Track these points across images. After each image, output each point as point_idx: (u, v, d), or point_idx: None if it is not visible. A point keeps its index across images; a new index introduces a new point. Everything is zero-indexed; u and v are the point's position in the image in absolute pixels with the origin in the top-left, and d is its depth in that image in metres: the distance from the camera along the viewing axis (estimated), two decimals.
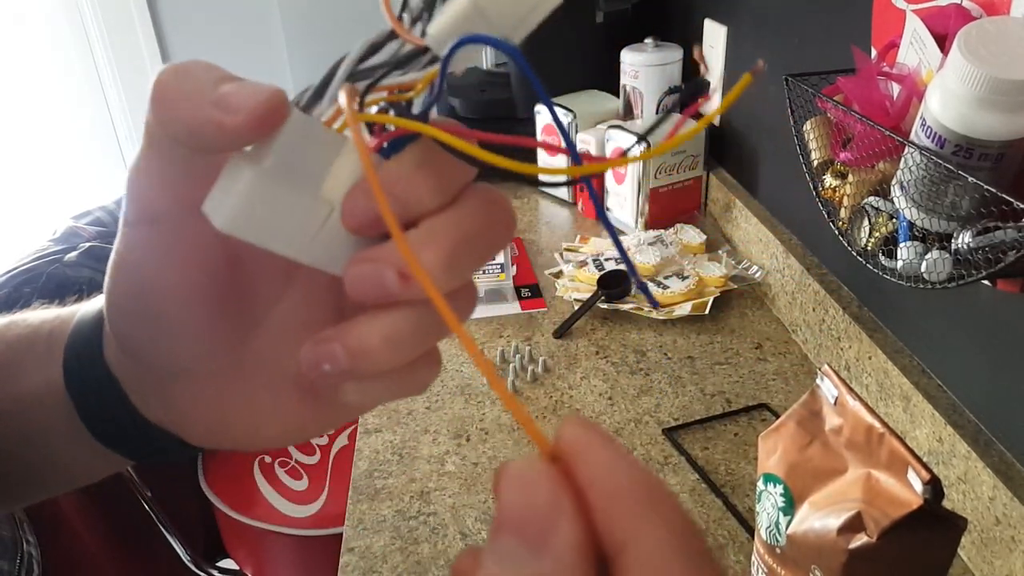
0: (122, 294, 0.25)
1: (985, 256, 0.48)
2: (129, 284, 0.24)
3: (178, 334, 0.25)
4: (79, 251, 0.88)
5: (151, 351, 0.26)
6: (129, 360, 0.27)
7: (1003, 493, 0.54)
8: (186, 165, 0.22)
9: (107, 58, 1.65)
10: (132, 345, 0.26)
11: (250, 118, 0.20)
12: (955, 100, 0.47)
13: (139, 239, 0.24)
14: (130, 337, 0.26)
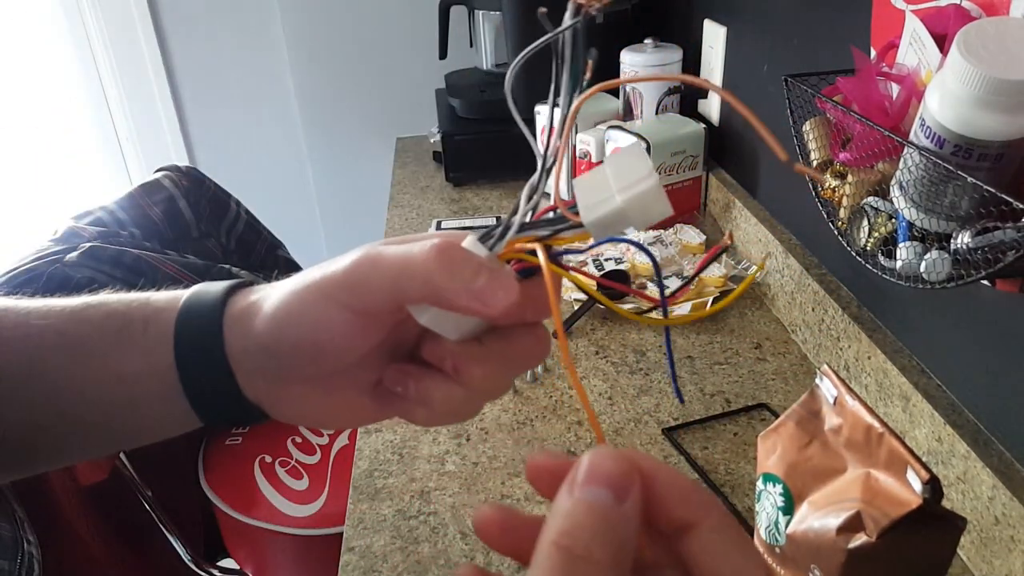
0: (306, 340, 0.31)
1: (984, 256, 0.48)
2: (316, 336, 0.31)
3: (333, 365, 0.32)
4: (80, 251, 0.88)
5: (301, 367, 0.32)
6: (267, 361, 0.33)
7: (1002, 493, 0.54)
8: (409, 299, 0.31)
9: (108, 58, 1.65)
10: (285, 359, 0.32)
11: (500, 312, 0.29)
12: (954, 100, 0.47)
13: (341, 318, 0.31)
14: (289, 356, 0.32)
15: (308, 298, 0.31)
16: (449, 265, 0.29)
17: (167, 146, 1.74)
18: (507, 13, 1.24)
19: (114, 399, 0.34)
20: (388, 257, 0.30)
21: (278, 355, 0.32)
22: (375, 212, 1.67)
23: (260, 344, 0.32)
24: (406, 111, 1.70)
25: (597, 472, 0.21)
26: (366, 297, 0.31)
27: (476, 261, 0.30)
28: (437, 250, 0.29)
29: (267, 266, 1.15)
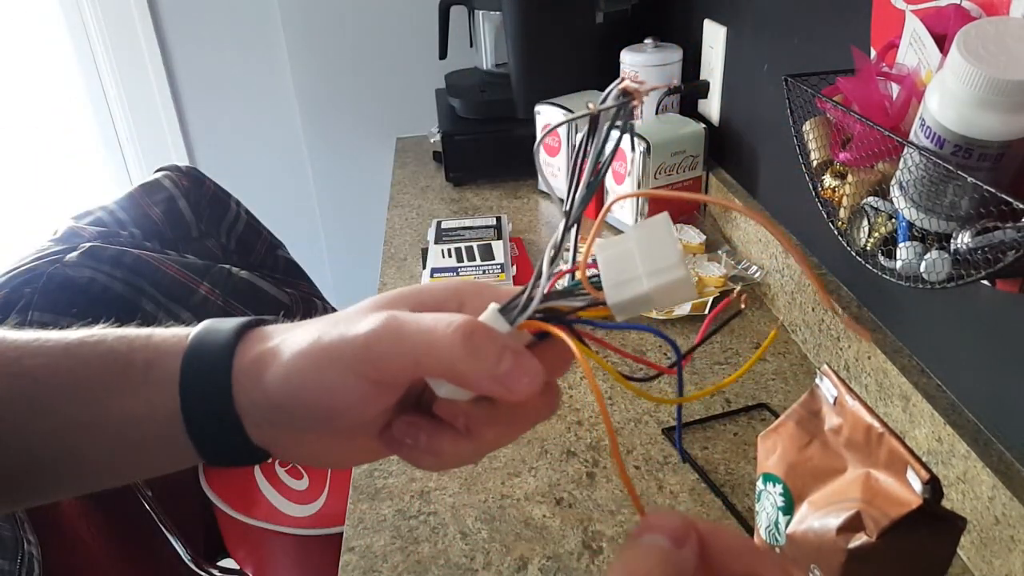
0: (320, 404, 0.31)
1: (984, 256, 0.48)
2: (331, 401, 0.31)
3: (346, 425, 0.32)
4: (80, 251, 0.88)
5: (312, 425, 0.32)
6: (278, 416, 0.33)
7: (1002, 493, 0.54)
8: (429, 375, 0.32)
9: (107, 58, 1.65)
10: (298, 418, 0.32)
11: (523, 397, 0.29)
12: (954, 100, 0.47)
13: (358, 388, 0.31)
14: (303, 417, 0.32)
15: (324, 365, 0.31)
16: (474, 351, 0.29)
17: (167, 146, 1.74)
18: (507, 13, 1.24)
19: (116, 440, 0.34)
20: (410, 332, 0.30)
21: (291, 413, 0.32)
22: (375, 212, 1.67)
23: (272, 402, 0.32)
24: (406, 111, 1.70)
25: (656, 524, 0.24)
26: (385, 370, 0.30)
27: (500, 343, 0.29)
28: (462, 334, 0.29)
29: (267, 266, 1.15)
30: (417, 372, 0.30)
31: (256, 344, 0.33)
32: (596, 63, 1.27)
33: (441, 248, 1.04)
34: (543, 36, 1.25)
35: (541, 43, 1.25)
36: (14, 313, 0.83)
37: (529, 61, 1.26)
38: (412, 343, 0.30)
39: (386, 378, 0.31)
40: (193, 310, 0.94)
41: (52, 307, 0.84)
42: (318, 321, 0.33)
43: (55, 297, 0.85)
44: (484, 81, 1.40)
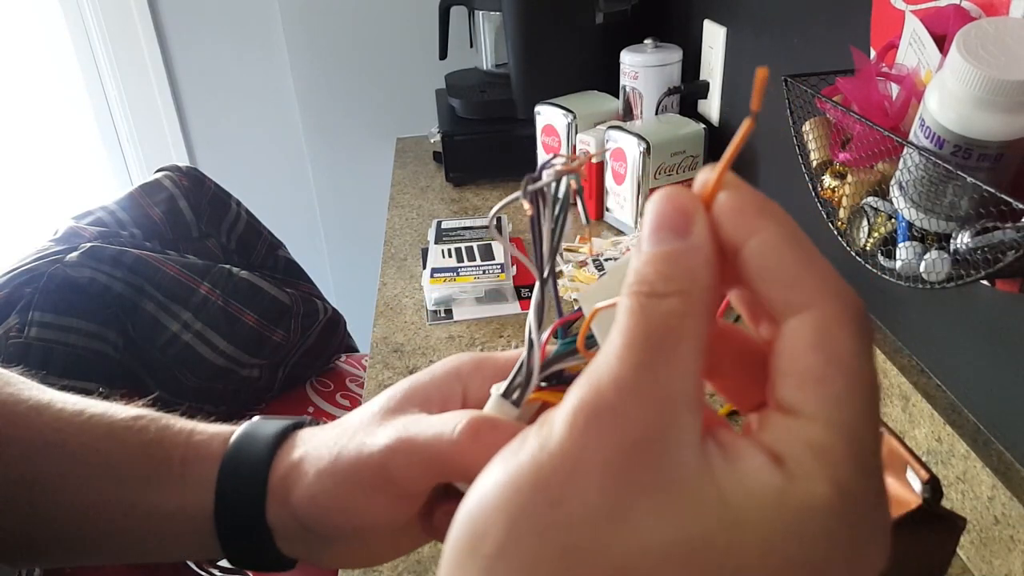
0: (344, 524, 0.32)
1: (984, 256, 0.48)
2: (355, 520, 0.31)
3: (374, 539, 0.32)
4: (80, 251, 0.88)
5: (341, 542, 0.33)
6: (307, 533, 0.33)
7: (1002, 493, 0.54)
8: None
9: (108, 58, 1.65)
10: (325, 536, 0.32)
11: None
12: (954, 100, 0.47)
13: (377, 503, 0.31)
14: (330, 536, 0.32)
15: (347, 486, 0.31)
16: (484, 451, 0.28)
17: (167, 146, 1.74)
18: (507, 13, 1.24)
19: (145, 529, 0.34)
20: (421, 444, 0.30)
21: (320, 534, 0.32)
22: (375, 212, 1.67)
23: (301, 523, 0.32)
24: (406, 111, 1.70)
25: (654, 222, 0.20)
26: (405, 486, 0.31)
27: (508, 434, 0.28)
28: (469, 434, 0.29)
29: (267, 266, 1.15)
30: (435, 479, 0.30)
31: (286, 457, 0.33)
32: (596, 63, 1.27)
33: (441, 248, 1.04)
34: (543, 36, 1.25)
35: (541, 43, 1.25)
36: (15, 313, 0.83)
37: (529, 61, 1.27)
38: (426, 455, 0.30)
39: (407, 491, 0.31)
40: (193, 310, 0.94)
41: (53, 307, 0.85)
42: (338, 427, 0.33)
43: (56, 297, 0.85)
44: (484, 81, 1.40)
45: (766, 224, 0.19)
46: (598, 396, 0.18)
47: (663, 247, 0.19)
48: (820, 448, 0.17)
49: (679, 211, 0.20)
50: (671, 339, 0.18)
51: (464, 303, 0.96)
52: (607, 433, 0.17)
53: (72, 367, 0.84)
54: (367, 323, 0.98)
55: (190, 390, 0.97)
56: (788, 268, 0.19)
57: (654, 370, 0.18)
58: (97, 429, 0.35)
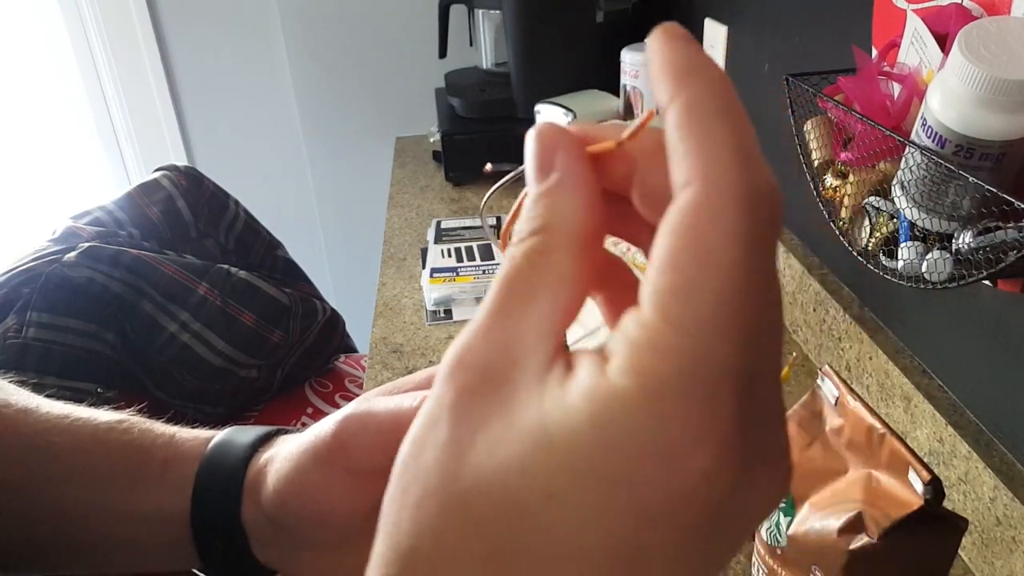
0: (306, 510, 0.31)
1: (986, 256, 0.48)
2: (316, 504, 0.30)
3: (342, 530, 0.31)
4: (78, 251, 0.88)
5: (310, 538, 0.31)
6: (277, 533, 0.32)
7: (1004, 494, 0.54)
8: None
9: (106, 57, 1.65)
10: (293, 532, 0.31)
11: None
12: (956, 100, 0.46)
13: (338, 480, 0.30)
14: (297, 529, 0.31)
15: (304, 465, 0.31)
16: None
17: (166, 146, 1.73)
18: (507, 12, 1.24)
19: (122, 532, 0.34)
20: (378, 413, 0.29)
21: (285, 527, 0.32)
22: (374, 212, 1.67)
23: (268, 517, 0.32)
24: (406, 110, 1.70)
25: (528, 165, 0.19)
26: (357, 456, 0.30)
27: None
28: None
29: (266, 266, 1.14)
30: (389, 453, 0.29)
31: (261, 457, 0.33)
32: (596, 62, 1.27)
33: (441, 248, 1.04)
34: (543, 35, 1.24)
35: (541, 42, 1.25)
36: (13, 313, 0.83)
37: (529, 60, 1.26)
38: (378, 423, 0.29)
39: (360, 464, 0.30)
40: (192, 310, 0.94)
41: (51, 307, 0.84)
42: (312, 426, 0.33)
43: (54, 297, 0.84)
44: (484, 80, 1.40)
45: (689, 84, 0.17)
46: (461, 341, 0.18)
47: (529, 191, 0.19)
48: (640, 341, 0.15)
49: (542, 150, 0.19)
50: (524, 279, 0.18)
51: (464, 303, 0.96)
52: (459, 378, 0.17)
53: (70, 367, 0.84)
54: (366, 323, 0.98)
55: (188, 391, 0.96)
56: (686, 138, 0.17)
57: (505, 312, 0.18)
58: (82, 431, 0.35)
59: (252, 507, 0.32)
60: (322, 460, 0.30)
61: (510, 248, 0.19)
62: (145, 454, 0.34)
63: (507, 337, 0.17)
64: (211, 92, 1.71)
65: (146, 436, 0.35)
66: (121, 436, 0.35)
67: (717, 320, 0.15)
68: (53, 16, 1.63)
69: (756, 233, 0.15)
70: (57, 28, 1.64)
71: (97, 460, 0.34)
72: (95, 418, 0.35)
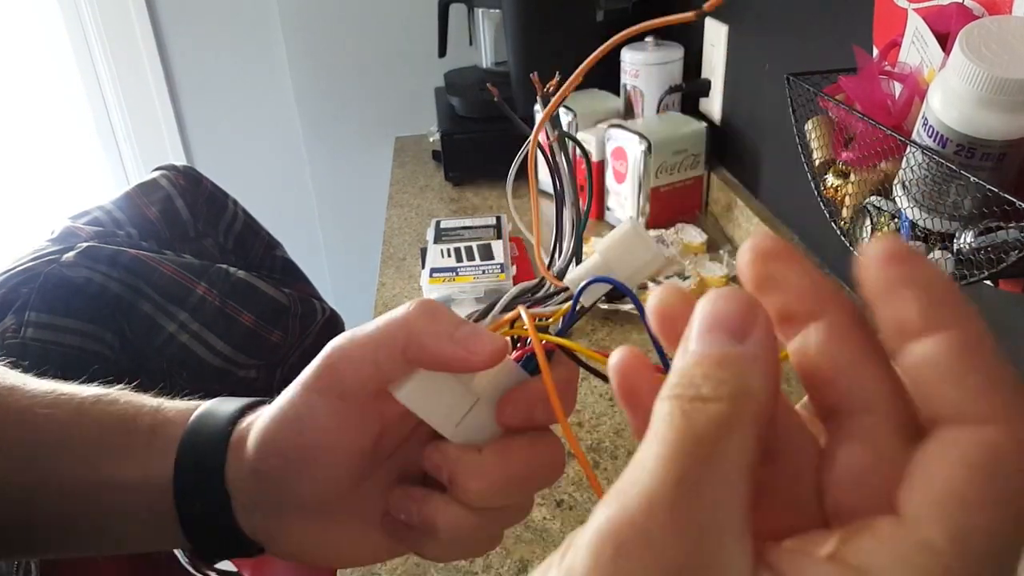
0: (291, 444, 0.30)
1: (987, 256, 0.47)
2: (301, 437, 0.30)
3: (326, 479, 0.30)
4: (77, 251, 0.87)
5: (294, 489, 0.31)
6: (260, 488, 0.31)
7: None
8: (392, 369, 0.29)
9: (105, 57, 1.64)
10: (277, 482, 0.31)
11: (487, 359, 0.28)
12: (957, 99, 0.46)
13: (324, 406, 0.29)
14: (280, 476, 0.31)
15: (293, 398, 0.30)
16: (431, 314, 0.29)
17: (164, 145, 1.73)
18: (507, 11, 1.23)
19: (106, 505, 0.33)
20: (367, 330, 0.29)
21: (269, 474, 0.31)
22: (374, 211, 1.67)
23: (252, 468, 0.31)
24: (405, 110, 1.70)
25: (708, 321, 0.18)
26: (348, 375, 0.29)
27: (458, 316, 0.29)
28: (420, 303, 0.29)
29: (265, 266, 1.14)
30: (378, 368, 0.28)
31: (247, 418, 0.33)
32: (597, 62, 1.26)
33: (440, 248, 1.04)
34: (543, 34, 1.24)
35: (541, 41, 1.25)
36: (11, 313, 0.83)
37: (529, 59, 1.26)
38: (367, 337, 0.29)
39: (350, 384, 0.29)
40: (191, 310, 0.93)
41: (49, 307, 0.84)
42: None
43: (52, 297, 0.84)
44: (484, 79, 1.40)
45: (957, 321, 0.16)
46: (627, 519, 0.15)
47: (715, 349, 0.17)
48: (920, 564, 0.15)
49: (739, 313, 0.18)
50: (717, 451, 0.16)
51: (463, 303, 0.95)
52: (637, 566, 0.15)
53: (68, 367, 0.84)
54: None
55: (187, 391, 0.96)
56: (973, 374, 0.16)
57: (696, 488, 0.15)
58: (67, 405, 0.34)
59: (236, 463, 0.31)
60: (311, 388, 0.30)
61: (684, 405, 0.16)
62: (131, 423, 0.34)
63: (701, 522, 0.15)
64: (210, 92, 1.71)
65: (131, 406, 0.34)
66: (107, 407, 0.34)
67: None
68: (52, 16, 1.62)
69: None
70: (56, 28, 1.63)
71: (83, 431, 0.34)
72: (80, 392, 0.35)
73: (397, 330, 0.28)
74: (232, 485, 0.32)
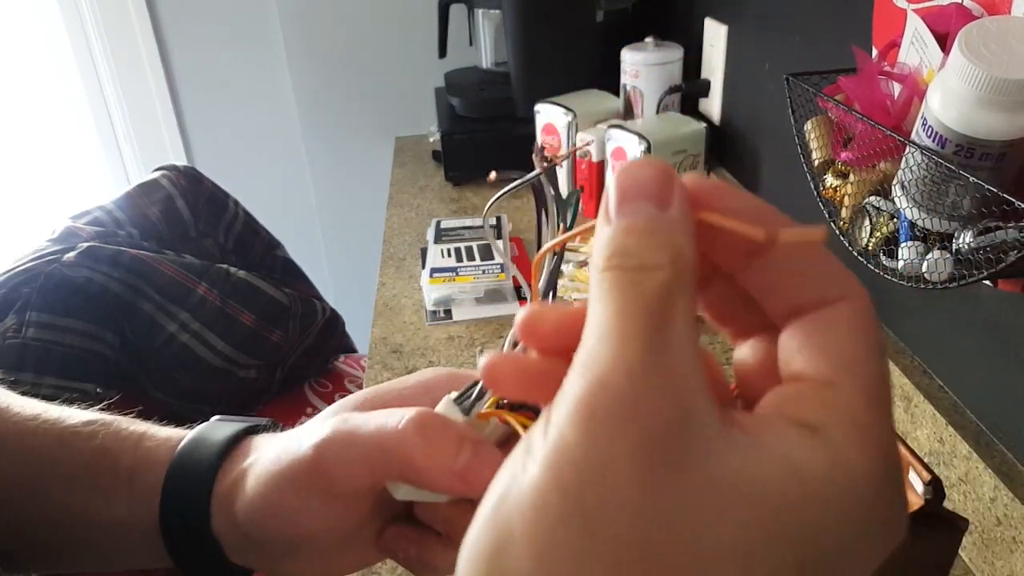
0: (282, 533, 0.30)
1: (986, 256, 0.47)
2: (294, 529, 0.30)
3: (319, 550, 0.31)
4: (77, 251, 0.87)
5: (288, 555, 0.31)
6: (251, 545, 0.32)
7: (1004, 494, 0.54)
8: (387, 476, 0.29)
9: (105, 57, 1.65)
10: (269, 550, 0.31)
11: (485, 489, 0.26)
12: (956, 100, 0.46)
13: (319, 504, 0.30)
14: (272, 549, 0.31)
15: (281, 488, 0.30)
16: (429, 443, 0.27)
17: (165, 145, 1.73)
18: (507, 11, 1.23)
19: (96, 537, 0.33)
20: (360, 434, 0.28)
21: (261, 543, 0.31)
22: (374, 211, 1.67)
23: (242, 532, 0.31)
24: (405, 110, 1.70)
25: (628, 190, 0.18)
26: (339, 480, 0.29)
27: (456, 434, 0.27)
28: (414, 426, 0.27)
29: (265, 266, 1.14)
30: (373, 476, 0.28)
31: (236, 465, 0.32)
32: (596, 62, 1.26)
33: (440, 248, 1.04)
34: (543, 34, 1.24)
35: (541, 41, 1.25)
36: (12, 313, 0.83)
37: (529, 60, 1.26)
38: (362, 445, 0.28)
39: (343, 488, 0.29)
40: (191, 310, 0.93)
41: (50, 307, 0.84)
42: (292, 432, 0.32)
43: (53, 297, 0.84)
44: (484, 80, 1.40)
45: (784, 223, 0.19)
46: (609, 387, 0.16)
47: (641, 217, 0.18)
48: (862, 422, 0.17)
49: (657, 180, 0.18)
50: (671, 316, 0.17)
51: (463, 303, 0.96)
52: (629, 425, 0.16)
53: (69, 367, 0.84)
54: (366, 323, 0.98)
55: (187, 391, 0.96)
56: (823, 263, 0.19)
57: (664, 352, 0.16)
58: (49, 435, 0.34)
59: (224, 519, 0.31)
60: (300, 483, 0.29)
61: (628, 275, 0.17)
62: (111, 460, 0.33)
63: (675, 382, 0.16)
64: (211, 92, 1.71)
65: (112, 441, 0.34)
66: (88, 442, 0.34)
67: (890, 412, 0.18)
68: (53, 16, 1.62)
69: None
70: (56, 28, 1.63)
71: (63, 466, 0.33)
72: (64, 419, 0.35)
73: (393, 454, 0.28)
74: (220, 534, 0.32)
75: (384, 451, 0.28)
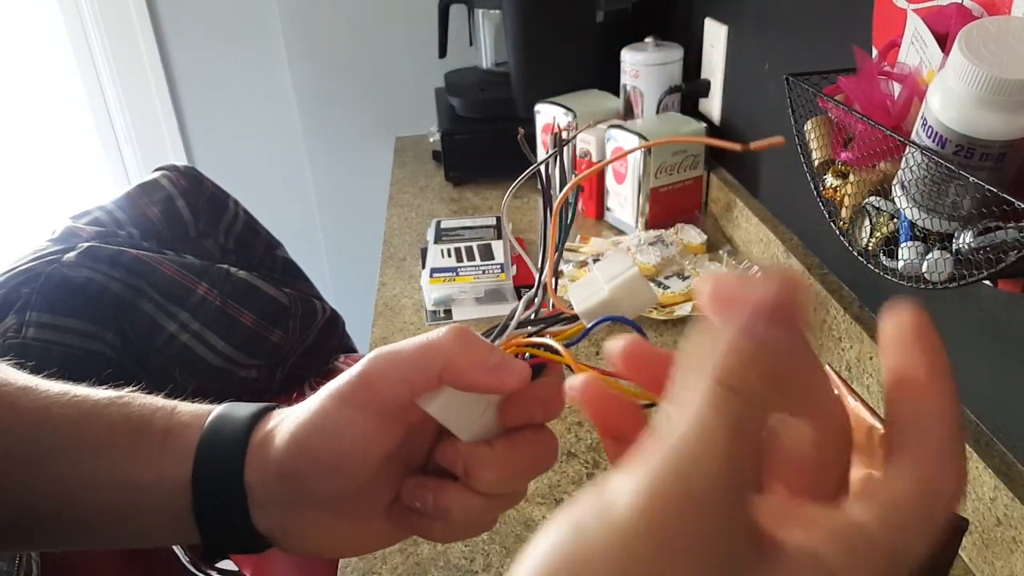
0: (325, 450, 0.32)
1: (986, 256, 0.47)
2: (336, 445, 0.32)
3: (352, 479, 0.33)
4: (78, 251, 0.87)
5: (319, 488, 0.33)
6: (283, 487, 0.33)
7: (1004, 494, 0.54)
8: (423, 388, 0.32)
9: (106, 57, 1.65)
10: (303, 481, 0.33)
11: (515, 387, 0.32)
12: (956, 100, 0.46)
13: (360, 419, 0.32)
14: (308, 477, 0.33)
15: (327, 406, 0.32)
16: (467, 343, 0.31)
17: (165, 145, 1.73)
18: (507, 11, 1.23)
19: (118, 504, 0.34)
20: (404, 348, 0.32)
21: (297, 476, 0.33)
22: (374, 211, 1.67)
23: (279, 470, 0.33)
24: (405, 110, 1.70)
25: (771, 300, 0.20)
26: (384, 393, 0.31)
27: (489, 343, 0.32)
28: (455, 332, 0.32)
29: (265, 266, 1.14)
30: (412, 390, 0.31)
31: (265, 424, 0.34)
32: (596, 62, 1.27)
33: (440, 248, 1.04)
34: (543, 35, 1.24)
35: (541, 42, 1.25)
36: (12, 313, 0.83)
37: (529, 60, 1.26)
38: (406, 356, 0.31)
39: (386, 400, 0.32)
40: (191, 310, 0.93)
41: (50, 307, 0.84)
42: None
43: (53, 297, 0.84)
44: (484, 80, 1.40)
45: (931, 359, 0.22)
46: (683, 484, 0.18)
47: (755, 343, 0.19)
48: None
49: (794, 303, 0.20)
50: (753, 435, 0.19)
51: (464, 303, 0.96)
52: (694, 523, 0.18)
53: (69, 367, 0.83)
54: (366, 323, 0.98)
55: (188, 391, 0.96)
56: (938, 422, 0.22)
57: (739, 464, 0.18)
58: (82, 406, 0.35)
59: (259, 464, 0.33)
60: (347, 400, 0.32)
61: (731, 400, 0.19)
62: (145, 425, 0.35)
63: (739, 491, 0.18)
64: (211, 91, 1.71)
65: (145, 408, 0.36)
66: (121, 409, 0.35)
67: None
68: (53, 16, 1.62)
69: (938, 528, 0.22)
70: (56, 28, 1.63)
71: (97, 432, 0.35)
72: (94, 394, 0.36)
73: (435, 356, 0.31)
74: (250, 485, 0.33)
75: (428, 356, 0.31)
